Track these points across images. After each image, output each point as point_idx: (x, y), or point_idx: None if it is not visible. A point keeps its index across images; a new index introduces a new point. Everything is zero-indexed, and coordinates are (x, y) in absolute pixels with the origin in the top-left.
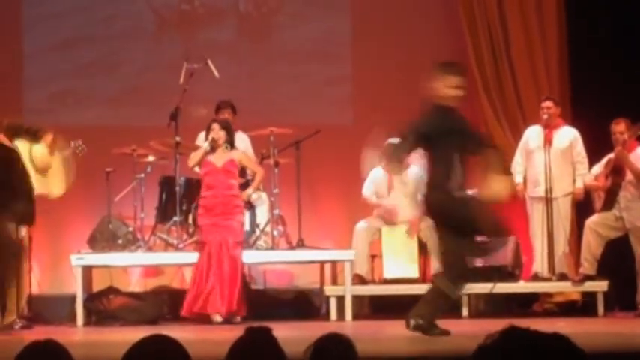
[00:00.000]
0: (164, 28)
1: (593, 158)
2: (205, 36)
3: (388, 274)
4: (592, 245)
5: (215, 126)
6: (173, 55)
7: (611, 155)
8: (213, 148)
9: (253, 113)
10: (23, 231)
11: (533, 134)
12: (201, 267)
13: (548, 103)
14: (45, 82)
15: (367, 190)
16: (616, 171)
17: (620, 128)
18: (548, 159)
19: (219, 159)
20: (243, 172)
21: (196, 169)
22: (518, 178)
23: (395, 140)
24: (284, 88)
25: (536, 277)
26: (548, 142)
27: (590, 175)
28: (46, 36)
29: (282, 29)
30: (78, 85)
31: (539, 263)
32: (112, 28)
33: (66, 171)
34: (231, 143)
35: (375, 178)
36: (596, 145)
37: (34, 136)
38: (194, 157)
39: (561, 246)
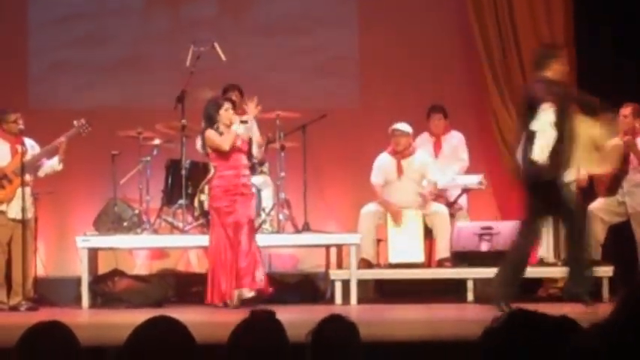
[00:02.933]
0: (151, 5)
1: None
2: (190, 13)
3: (393, 258)
4: (595, 231)
5: (228, 105)
6: (160, 29)
7: (616, 141)
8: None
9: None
10: (30, 212)
11: None
12: (220, 250)
13: None
14: (46, 53)
15: (375, 178)
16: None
17: (625, 112)
18: None
19: (238, 138)
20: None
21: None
22: None
23: (401, 124)
24: (287, 68)
25: (541, 263)
26: None
27: None
28: (48, 11)
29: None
30: (75, 56)
31: (545, 249)
32: (105, 4)
33: None
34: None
35: (383, 164)
36: None
37: None
38: (227, 140)
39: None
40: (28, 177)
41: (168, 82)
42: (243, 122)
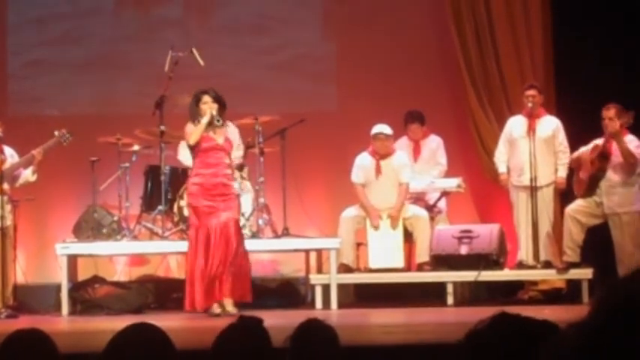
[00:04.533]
0: (121, 6)
1: (577, 146)
2: (158, 12)
3: (373, 264)
4: (573, 232)
5: (207, 98)
6: (129, 29)
7: (598, 141)
8: (211, 122)
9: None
10: (8, 220)
11: (516, 123)
12: (200, 253)
13: (532, 92)
14: (22, 52)
15: (356, 177)
16: (603, 156)
17: (610, 114)
18: (533, 147)
19: (219, 135)
20: None
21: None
22: (502, 168)
23: (381, 127)
24: (268, 73)
25: (521, 265)
26: (532, 130)
27: (576, 153)
28: (25, 11)
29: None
30: (50, 55)
31: (524, 251)
32: (77, 5)
33: None
34: (221, 117)
35: (363, 164)
36: (580, 134)
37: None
38: (195, 134)
39: (545, 234)
40: (5, 185)
41: (142, 84)
42: (216, 122)
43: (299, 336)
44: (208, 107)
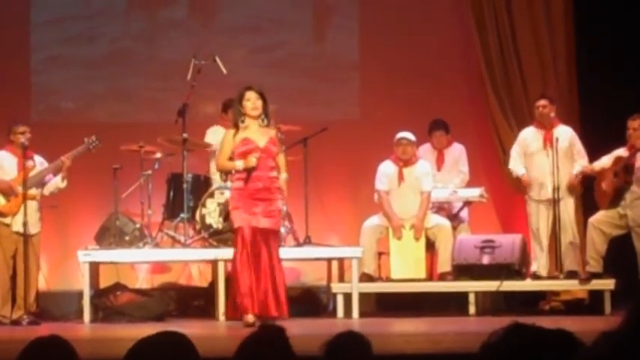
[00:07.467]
0: (132, 7)
1: (600, 155)
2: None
3: (395, 274)
4: (596, 243)
5: (252, 95)
6: (139, 29)
7: (621, 152)
8: (247, 169)
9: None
10: (38, 227)
11: (530, 136)
12: (245, 260)
13: (543, 102)
14: (42, 50)
15: (380, 184)
16: (627, 169)
17: (635, 124)
18: (555, 157)
19: (260, 137)
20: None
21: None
22: (520, 170)
23: (404, 133)
24: (290, 80)
25: (535, 276)
26: (549, 142)
27: (597, 163)
28: (46, 11)
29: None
30: (66, 52)
31: (539, 263)
32: (91, 7)
33: None
34: (267, 115)
35: (385, 171)
36: (604, 143)
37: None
38: (224, 166)
39: (569, 244)
40: (35, 191)
41: (148, 80)
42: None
43: (334, 344)
44: (252, 104)
